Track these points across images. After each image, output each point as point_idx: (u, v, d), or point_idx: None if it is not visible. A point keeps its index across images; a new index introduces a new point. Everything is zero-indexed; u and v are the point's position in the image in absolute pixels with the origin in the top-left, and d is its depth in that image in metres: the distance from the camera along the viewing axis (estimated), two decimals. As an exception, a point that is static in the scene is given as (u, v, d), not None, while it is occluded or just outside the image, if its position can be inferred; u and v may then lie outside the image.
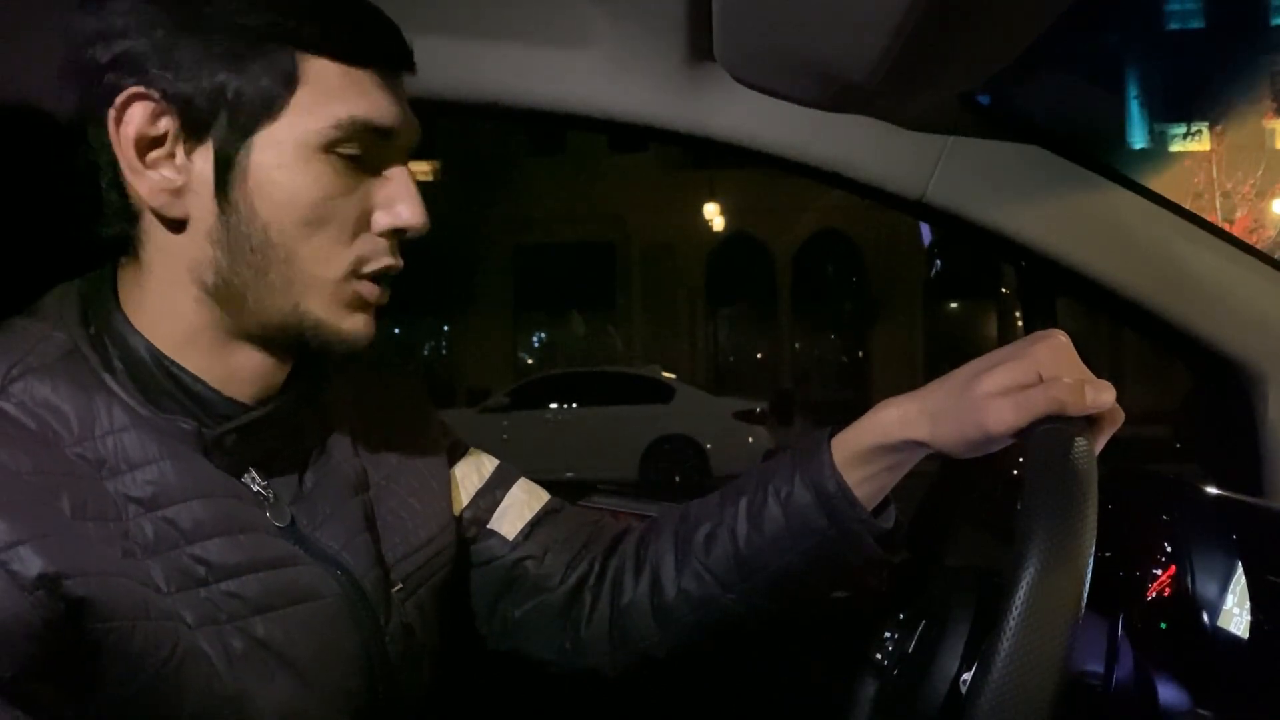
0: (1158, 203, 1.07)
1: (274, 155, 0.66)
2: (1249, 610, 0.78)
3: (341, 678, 0.71)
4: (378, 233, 0.70)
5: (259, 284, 0.68)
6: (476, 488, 0.91)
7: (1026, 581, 0.54)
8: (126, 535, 0.63)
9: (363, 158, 0.68)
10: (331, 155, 0.67)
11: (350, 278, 0.70)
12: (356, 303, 0.71)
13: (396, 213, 0.70)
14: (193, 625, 0.63)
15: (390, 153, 0.70)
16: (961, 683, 0.68)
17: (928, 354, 18.27)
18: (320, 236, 0.68)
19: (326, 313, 0.69)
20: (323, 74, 0.66)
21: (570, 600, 0.90)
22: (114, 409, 0.66)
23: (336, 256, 0.69)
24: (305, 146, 0.66)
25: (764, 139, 1.09)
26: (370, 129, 0.67)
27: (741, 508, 0.83)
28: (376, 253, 0.70)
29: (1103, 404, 0.66)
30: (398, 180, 0.71)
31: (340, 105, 0.66)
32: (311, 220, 0.67)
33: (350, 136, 0.67)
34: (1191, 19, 19.47)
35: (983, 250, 1.13)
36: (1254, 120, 16.68)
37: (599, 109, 1.09)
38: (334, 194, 0.67)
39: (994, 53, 0.88)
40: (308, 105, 0.66)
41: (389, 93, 0.69)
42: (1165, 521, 0.93)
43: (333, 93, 0.66)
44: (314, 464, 0.76)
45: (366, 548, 0.75)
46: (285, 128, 0.66)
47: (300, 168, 0.66)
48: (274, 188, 0.66)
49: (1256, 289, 1.06)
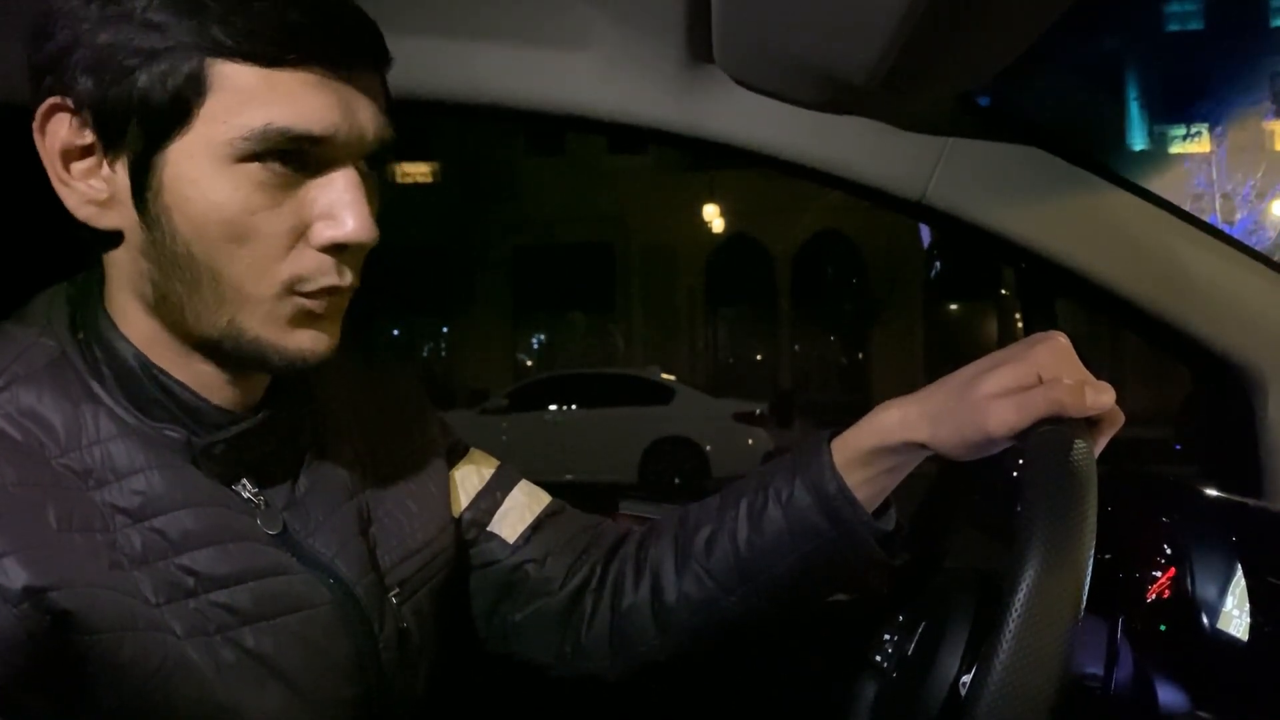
0: (1157, 204, 1.07)
1: (187, 168, 0.61)
2: (1249, 612, 0.78)
3: (334, 687, 0.70)
4: (317, 246, 0.64)
5: (193, 300, 0.64)
6: (477, 489, 0.90)
7: (1026, 583, 0.54)
8: (114, 546, 0.62)
9: (294, 166, 0.62)
10: (250, 166, 0.61)
11: (287, 295, 0.64)
12: (300, 319, 0.65)
13: (335, 225, 0.63)
14: (182, 636, 0.63)
15: (332, 158, 0.64)
16: (961, 684, 0.68)
17: (928, 355, 18.28)
18: (246, 253, 0.62)
19: (264, 329, 0.65)
20: (236, 78, 0.60)
21: (571, 604, 0.90)
22: (101, 418, 0.65)
23: (267, 274, 0.63)
24: (217, 158, 0.61)
25: (763, 140, 1.09)
26: (292, 137, 0.61)
27: (742, 510, 0.83)
28: (315, 270, 0.64)
29: (1102, 405, 0.66)
30: (338, 188, 0.63)
31: (253, 113, 0.60)
32: (233, 236, 0.62)
33: (268, 145, 0.60)
34: (1191, 20, 19.48)
35: (982, 252, 1.13)
36: (1254, 121, 16.68)
37: (598, 110, 1.09)
38: (256, 207, 0.62)
39: (994, 54, 0.88)
40: (219, 113, 0.60)
41: (323, 94, 0.62)
42: (1165, 523, 0.93)
43: (246, 99, 0.60)
44: (308, 469, 0.75)
45: (360, 554, 0.74)
46: (197, 138, 0.61)
47: (215, 181, 0.61)
48: (189, 203, 0.61)
49: (1256, 291, 1.06)
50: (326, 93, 0.62)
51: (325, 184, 0.64)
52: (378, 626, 0.74)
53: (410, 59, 1.06)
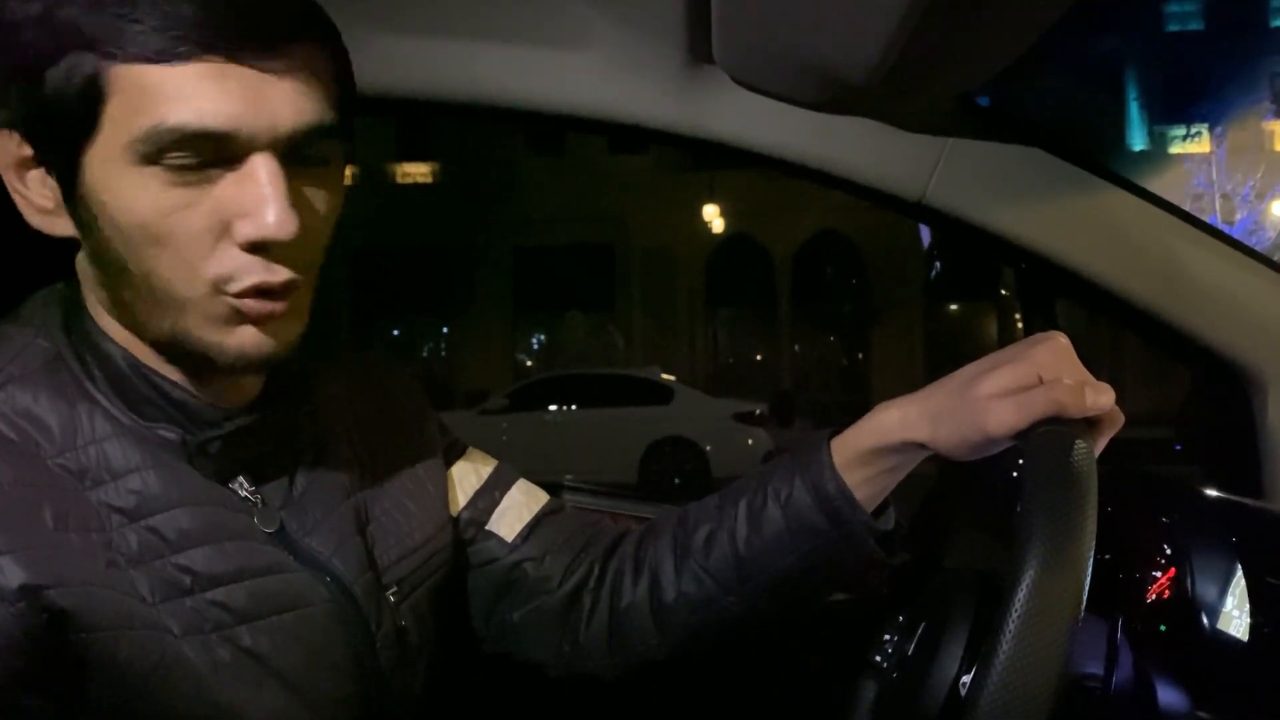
0: (1157, 205, 1.07)
1: (101, 174, 0.60)
2: (1248, 612, 0.78)
3: (332, 686, 0.70)
4: (239, 245, 0.61)
5: (138, 305, 0.64)
6: (475, 488, 0.90)
7: (1026, 583, 0.54)
8: (110, 546, 0.62)
9: (205, 164, 0.60)
10: (154, 168, 0.59)
11: (216, 295, 0.62)
12: (237, 319, 0.63)
13: (253, 223, 0.60)
14: (179, 635, 0.63)
15: (244, 152, 0.60)
16: (961, 685, 0.68)
17: (927, 356, 18.29)
18: (168, 256, 0.61)
19: (204, 331, 0.63)
20: (130, 79, 0.58)
21: (569, 603, 0.90)
22: (96, 418, 0.65)
23: (193, 274, 0.61)
24: (125, 161, 0.59)
25: (763, 140, 1.09)
26: (188, 136, 0.58)
27: (741, 510, 0.83)
28: (240, 269, 0.62)
29: (1102, 406, 0.67)
30: (257, 182, 0.60)
31: (146, 114, 0.58)
32: (153, 239, 0.60)
33: (166, 146, 0.58)
34: (1191, 20, 19.48)
35: (982, 252, 1.13)
36: (1254, 121, 16.69)
37: (598, 110, 1.09)
38: (168, 210, 0.60)
39: (994, 54, 0.88)
40: (119, 116, 0.58)
41: (224, 86, 0.58)
42: (1165, 524, 0.93)
43: (141, 99, 0.58)
44: (305, 467, 0.75)
45: (357, 553, 0.74)
46: (106, 143, 0.59)
47: (125, 186, 0.60)
48: (108, 208, 0.61)
49: (1256, 291, 1.06)
50: (228, 84, 0.59)
51: (242, 179, 0.61)
52: (375, 625, 0.74)
53: (411, 59, 1.07)
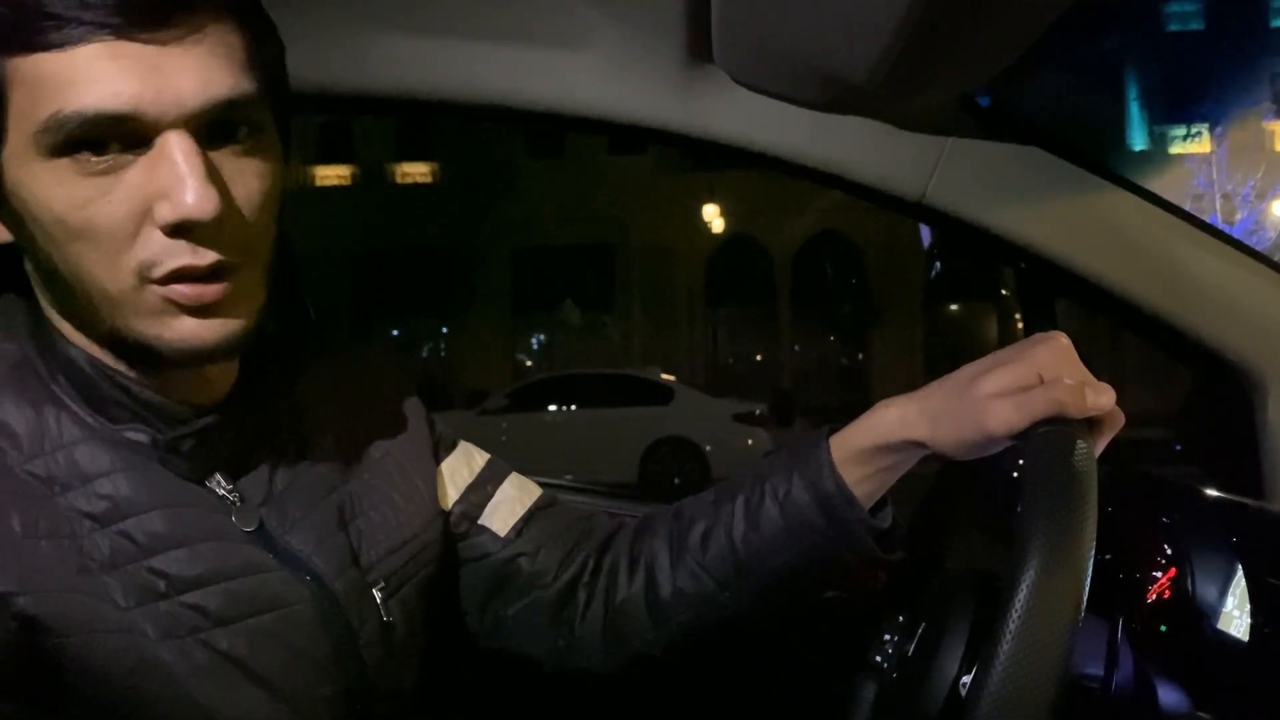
0: (1157, 204, 1.07)
1: (18, 172, 0.59)
2: (1249, 613, 0.78)
3: (313, 685, 0.69)
4: (161, 228, 0.59)
5: (76, 305, 0.62)
6: (467, 483, 0.90)
7: (1026, 584, 0.54)
8: (81, 552, 0.62)
9: (114, 150, 0.58)
10: (62, 160, 0.57)
11: (144, 285, 0.60)
12: (170, 308, 0.61)
13: (172, 204, 0.58)
14: (154, 639, 0.62)
15: (152, 133, 0.58)
16: (961, 685, 0.68)
17: (928, 356, 18.29)
18: (91, 249, 0.59)
19: (142, 326, 0.61)
20: (28, 70, 0.57)
21: (564, 598, 0.89)
22: (64, 422, 0.64)
23: (116, 266, 0.60)
24: (34, 156, 0.58)
25: (763, 140, 1.08)
26: (86, 121, 0.56)
27: (738, 506, 0.82)
28: (163, 252, 0.59)
29: (1103, 406, 0.66)
30: (171, 161, 0.58)
31: (42, 103, 0.56)
32: (73, 234, 0.59)
33: (66, 136, 0.57)
34: (1191, 20, 19.49)
35: (982, 252, 1.13)
36: (1254, 121, 16.69)
37: (598, 111, 1.09)
38: (84, 200, 0.58)
39: (994, 54, 0.88)
40: (23, 110, 0.57)
41: (120, 66, 0.57)
42: (1165, 524, 0.93)
43: (38, 90, 0.57)
44: (286, 462, 0.74)
45: (339, 550, 0.73)
46: (16, 139, 0.58)
47: (39, 181, 0.58)
48: (27, 207, 0.59)
49: (1256, 291, 1.06)
50: (121, 63, 0.57)
51: (155, 160, 0.59)
52: (358, 622, 0.72)
53: (411, 59, 1.07)
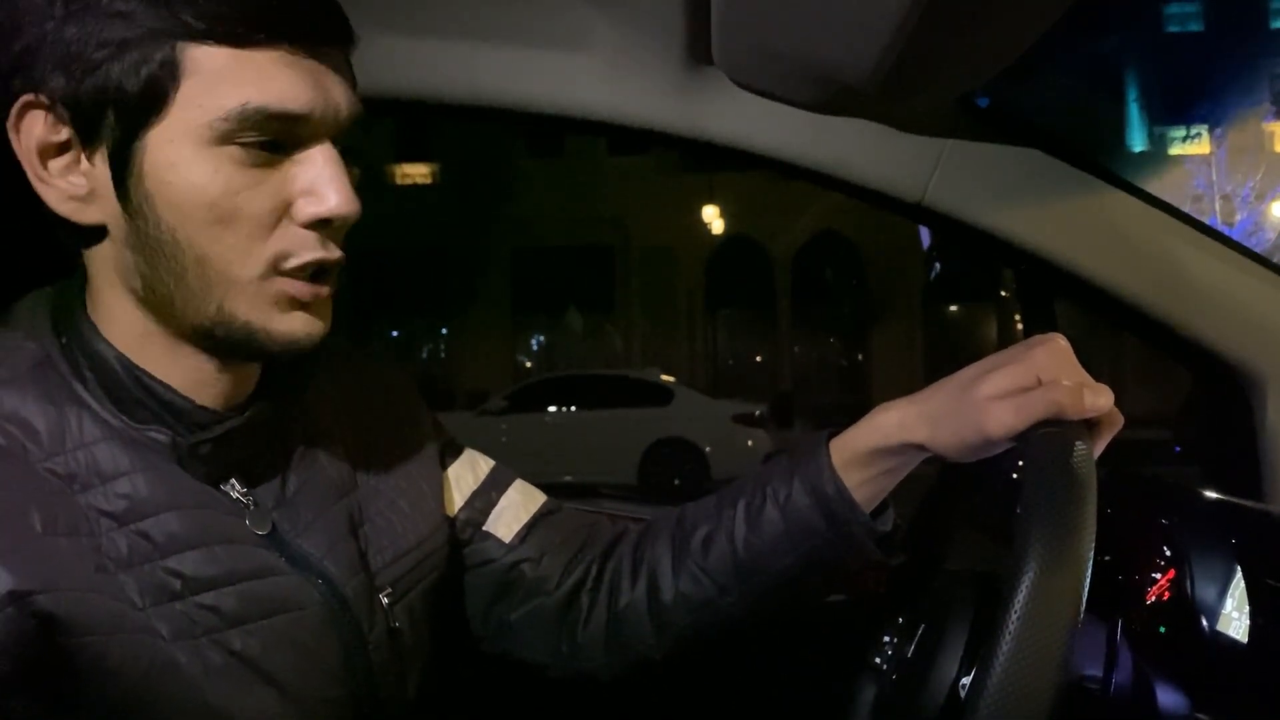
0: (1157, 206, 1.07)
1: (168, 153, 0.61)
2: (1248, 614, 0.78)
3: (323, 688, 0.70)
4: (301, 224, 0.64)
5: (181, 288, 0.64)
6: (472, 489, 0.90)
7: (1025, 585, 0.54)
8: (99, 550, 0.62)
9: (273, 145, 0.63)
10: (229, 148, 0.62)
11: (272, 275, 0.64)
12: (286, 302, 0.65)
13: (319, 200, 0.64)
14: (169, 639, 0.63)
15: (310, 135, 0.64)
16: (961, 687, 0.68)
17: (927, 357, 18.28)
18: (231, 234, 0.63)
19: (254, 314, 0.65)
20: (209, 61, 0.60)
21: (567, 603, 0.90)
22: (85, 421, 0.65)
23: (252, 254, 0.63)
24: (196, 141, 0.61)
25: (763, 142, 1.09)
26: (270, 116, 0.61)
27: (739, 510, 0.83)
28: (299, 246, 0.64)
29: (1101, 407, 0.67)
30: (319, 165, 0.64)
31: (229, 93, 0.60)
32: (217, 218, 0.62)
33: (246, 125, 0.61)
34: (1190, 21, 19.49)
35: (982, 253, 1.13)
36: (1253, 123, 16.69)
37: (598, 112, 1.09)
38: (238, 188, 0.62)
39: (993, 55, 0.88)
40: (195, 96, 0.61)
41: (297, 72, 0.62)
42: (1164, 525, 0.93)
43: (221, 80, 0.60)
44: (297, 467, 0.75)
45: (349, 554, 0.74)
46: (175, 123, 0.61)
47: (196, 164, 0.61)
48: (171, 188, 0.62)
49: (1255, 292, 1.06)
50: (299, 70, 0.62)
51: (305, 161, 0.64)
52: (367, 627, 0.73)
53: (411, 60, 1.07)
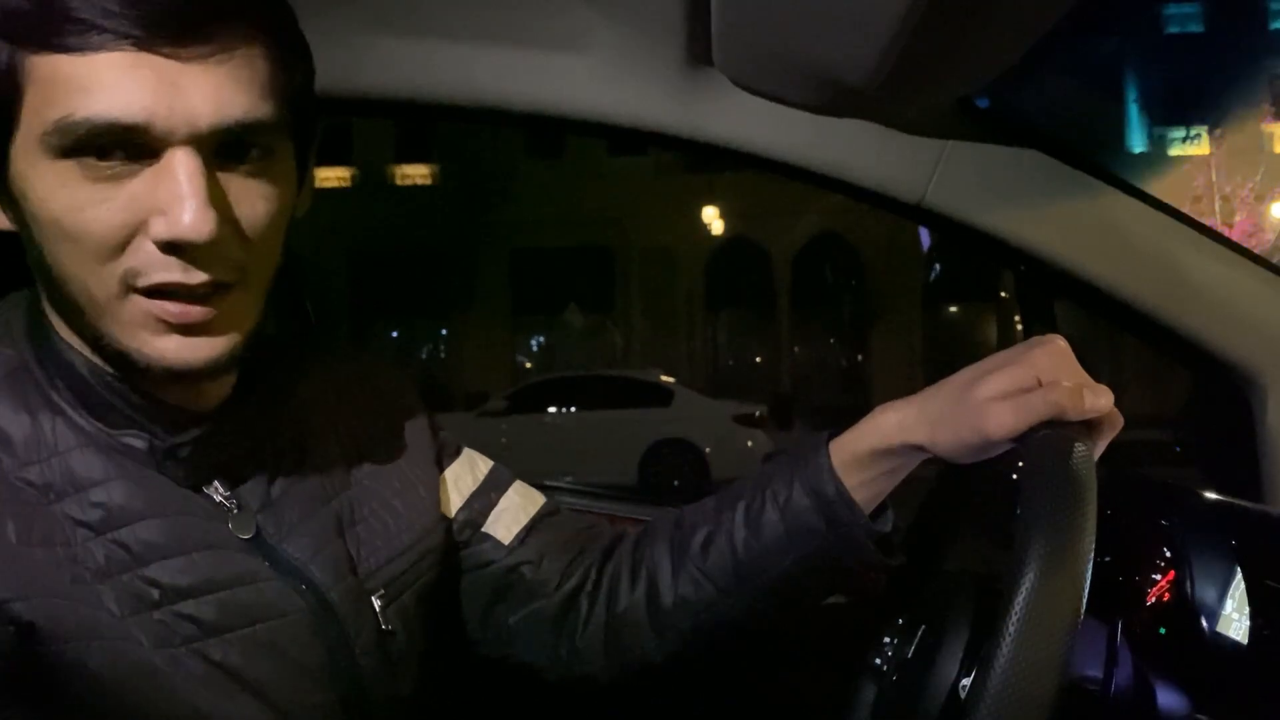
0: (1156, 207, 1.07)
1: (23, 166, 0.59)
2: (1248, 615, 0.78)
3: (306, 694, 0.69)
4: (155, 243, 0.59)
5: (64, 307, 0.63)
6: (471, 490, 0.89)
7: (1026, 587, 0.54)
8: (75, 560, 0.61)
9: (120, 158, 0.58)
10: (68, 161, 0.58)
11: (128, 294, 0.60)
12: (155, 323, 0.61)
13: (168, 222, 0.58)
14: (148, 648, 0.62)
15: (162, 147, 0.58)
16: (961, 688, 0.68)
17: (927, 358, 18.29)
18: (80, 252, 0.59)
19: (124, 336, 0.61)
20: (45, 69, 0.57)
21: (566, 606, 0.89)
22: (60, 428, 0.64)
23: (103, 272, 0.59)
24: (42, 154, 0.58)
25: (763, 143, 1.09)
26: (94, 129, 0.57)
27: (739, 512, 0.82)
28: (149, 265, 0.59)
29: (1101, 408, 0.67)
30: (174, 179, 0.58)
31: (57, 105, 0.57)
32: (65, 235, 0.59)
33: (75, 140, 0.57)
34: (1190, 23, 19.50)
35: (982, 254, 1.13)
36: (1253, 124, 16.71)
37: (597, 113, 1.09)
38: (83, 204, 0.58)
39: (993, 57, 0.88)
40: (35, 108, 0.58)
41: (136, 77, 0.57)
42: (1164, 526, 0.92)
43: (53, 90, 0.57)
44: (285, 468, 0.73)
45: (336, 558, 0.73)
46: (25, 135, 0.59)
47: (42, 178, 0.58)
48: (28, 202, 0.60)
49: (1255, 294, 1.06)
50: (139, 74, 0.57)
51: (159, 174, 0.59)
52: (354, 631, 0.72)
53: (410, 62, 1.07)
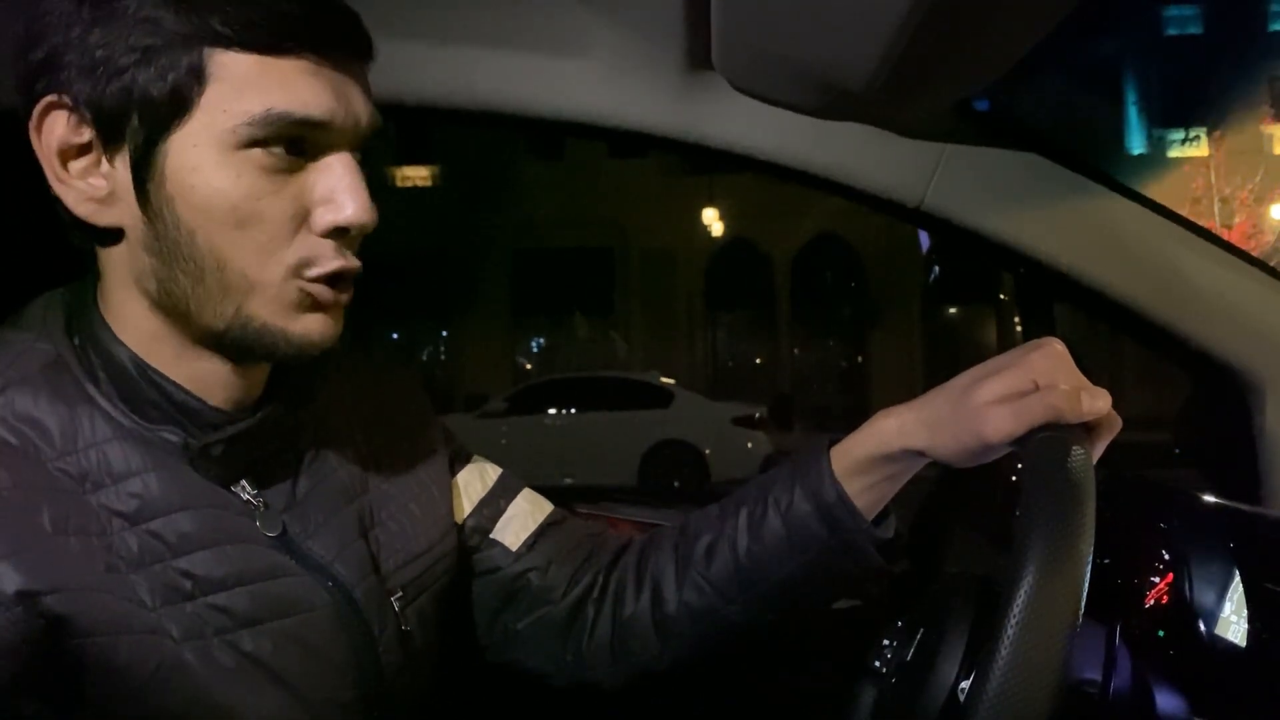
0: (1155, 210, 1.07)
1: (191, 157, 0.62)
2: (1246, 618, 0.78)
3: (333, 689, 0.70)
4: (319, 232, 0.65)
5: (198, 291, 0.65)
6: (480, 496, 0.91)
7: (1025, 589, 0.54)
8: (110, 550, 0.62)
9: (295, 151, 0.64)
10: (253, 152, 0.62)
11: (292, 279, 0.65)
12: (306, 304, 0.66)
13: (336, 209, 0.65)
14: (178, 639, 0.63)
15: (330, 144, 0.65)
16: (960, 690, 0.68)
17: (926, 359, 18.28)
18: (250, 239, 0.63)
19: (273, 317, 0.66)
20: (235, 67, 0.62)
21: (573, 613, 0.90)
22: (97, 421, 0.66)
23: (272, 260, 0.64)
24: (220, 145, 0.62)
25: (762, 146, 1.09)
26: (293, 122, 0.62)
27: (741, 519, 0.83)
28: (319, 255, 0.66)
29: (1099, 411, 0.67)
30: (338, 173, 0.65)
31: (254, 99, 0.62)
32: (238, 223, 0.63)
33: (270, 132, 0.62)
34: (1189, 24, 19.51)
35: (981, 257, 1.13)
36: (1252, 125, 16.72)
37: (597, 116, 1.09)
38: (259, 194, 0.63)
39: (992, 60, 0.88)
40: (220, 102, 0.62)
41: (320, 81, 0.63)
42: (1163, 529, 0.93)
43: (246, 86, 0.62)
44: (308, 470, 0.75)
45: (359, 557, 0.74)
46: (199, 128, 0.62)
47: (218, 169, 0.62)
48: (193, 191, 0.63)
49: (1254, 296, 1.06)
50: (322, 80, 0.64)
51: (324, 169, 0.65)
52: (377, 629, 0.74)
53: (411, 65, 1.07)
